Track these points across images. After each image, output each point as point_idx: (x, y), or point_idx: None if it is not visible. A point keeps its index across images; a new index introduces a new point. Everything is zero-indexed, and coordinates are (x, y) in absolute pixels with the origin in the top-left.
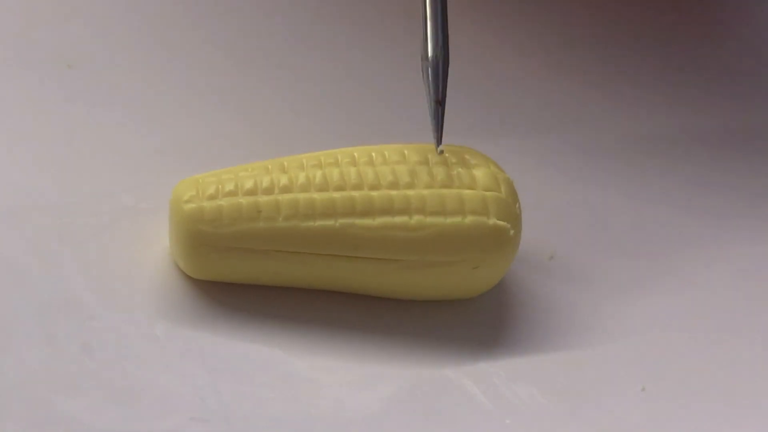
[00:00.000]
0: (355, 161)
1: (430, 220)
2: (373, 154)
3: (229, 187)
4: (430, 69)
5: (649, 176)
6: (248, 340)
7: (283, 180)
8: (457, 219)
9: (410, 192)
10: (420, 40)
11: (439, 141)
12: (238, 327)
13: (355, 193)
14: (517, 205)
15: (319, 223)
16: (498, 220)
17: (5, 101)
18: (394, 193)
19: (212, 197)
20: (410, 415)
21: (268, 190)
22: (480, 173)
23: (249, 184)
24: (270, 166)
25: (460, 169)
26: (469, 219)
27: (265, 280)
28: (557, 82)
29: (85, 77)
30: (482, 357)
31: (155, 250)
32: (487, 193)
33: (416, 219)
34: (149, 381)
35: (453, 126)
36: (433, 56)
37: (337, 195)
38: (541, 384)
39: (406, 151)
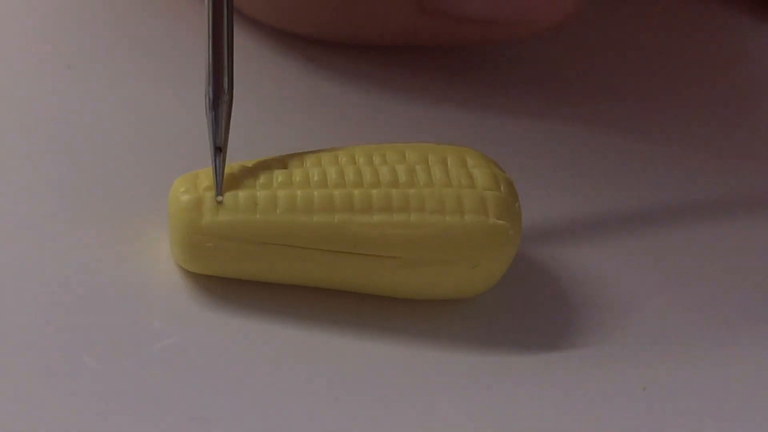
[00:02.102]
0: (354, 160)
1: (429, 218)
2: (374, 153)
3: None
4: (210, 111)
5: (650, 175)
6: (247, 337)
7: (281, 177)
8: (456, 218)
9: (409, 191)
10: (205, 75)
11: (218, 190)
12: (238, 325)
13: (354, 191)
14: (516, 205)
15: (316, 218)
16: (497, 219)
17: (4, 101)
18: (393, 191)
19: (209, 188)
20: (409, 414)
21: (265, 186)
22: (479, 173)
23: (246, 180)
24: (269, 164)
25: (459, 169)
26: (468, 218)
27: (263, 275)
28: (558, 81)
29: (85, 77)
30: (482, 357)
31: (155, 247)
32: (487, 192)
33: (415, 216)
34: (148, 379)
35: (453, 126)
36: (212, 98)
37: (335, 192)
38: (542, 384)
39: (406, 151)
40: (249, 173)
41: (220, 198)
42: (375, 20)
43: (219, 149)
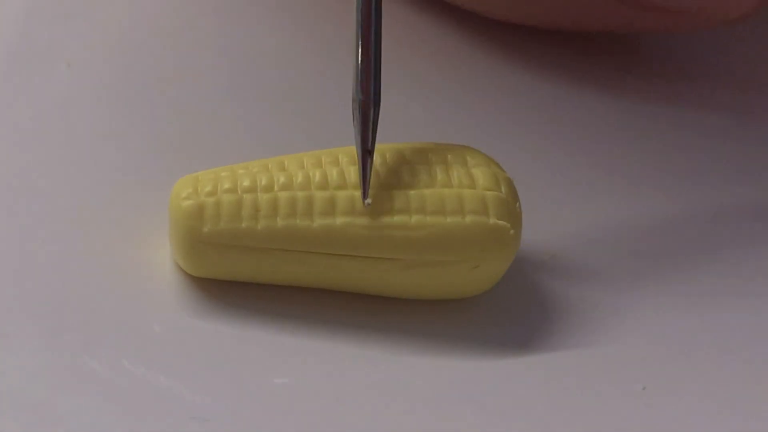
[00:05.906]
0: (356, 161)
1: (430, 219)
2: (374, 154)
3: (228, 184)
4: (359, 114)
5: (650, 175)
6: (248, 339)
7: (282, 178)
8: (457, 219)
9: (410, 191)
10: (353, 77)
11: (365, 194)
12: (238, 325)
13: (356, 192)
14: (517, 205)
15: (318, 222)
16: (498, 219)
17: (4, 101)
18: (394, 192)
19: (210, 194)
20: (409, 414)
21: (267, 188)
22: (480, 173)
23: (247, 182)
24: (270, 165)
25: (460, 169)
26: (469, 219)
27: (264, 278)
28: (558, 80)
29: (85, 77)
30: (482, 357)
31: (155, 248)
32: (487, 193)
33: (416, 218)
34: (149, 380)
35: (454, 126)
36: (362, 100)
37: (337, 194)
38: (542, 384)
39: (407, 152)
40: (250, 175)
41: (368, 201)
42: (571, 6)
43: (369, 152)
